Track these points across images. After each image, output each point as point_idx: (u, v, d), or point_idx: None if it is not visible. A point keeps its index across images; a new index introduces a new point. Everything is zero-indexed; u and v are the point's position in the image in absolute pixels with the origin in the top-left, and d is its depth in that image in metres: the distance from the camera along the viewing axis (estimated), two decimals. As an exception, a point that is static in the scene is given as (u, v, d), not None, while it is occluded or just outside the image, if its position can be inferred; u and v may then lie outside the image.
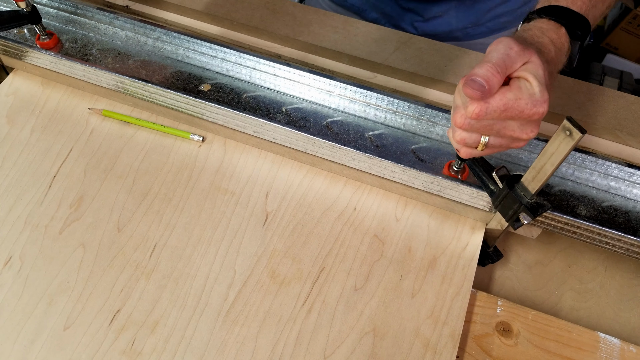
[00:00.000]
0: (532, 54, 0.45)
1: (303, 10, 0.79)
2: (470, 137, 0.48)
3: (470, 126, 0.47)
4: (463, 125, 0.47)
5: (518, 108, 0.45)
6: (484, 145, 0.48)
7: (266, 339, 0.57)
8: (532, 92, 0.45)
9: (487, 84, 0.43)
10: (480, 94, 0.43)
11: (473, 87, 0.43)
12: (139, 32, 0.74)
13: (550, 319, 0.59)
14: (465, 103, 0.46)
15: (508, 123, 0.46)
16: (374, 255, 0.62)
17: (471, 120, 0.46)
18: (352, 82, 0.67)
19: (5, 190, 0.66)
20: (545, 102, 0.45)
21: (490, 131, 0.47)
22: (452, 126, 0.50)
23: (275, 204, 0.65)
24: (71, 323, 0.57)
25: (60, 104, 0.73)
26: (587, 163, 0.63)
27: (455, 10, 0.90)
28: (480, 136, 0.48)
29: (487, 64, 0.44)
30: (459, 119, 0.47)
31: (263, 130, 0.66)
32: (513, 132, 0.47)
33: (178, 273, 0.60)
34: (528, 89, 0.45)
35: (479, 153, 0.50)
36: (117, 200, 0.65)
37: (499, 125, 0.47)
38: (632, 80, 1.56)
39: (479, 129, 0.47)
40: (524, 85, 0.45)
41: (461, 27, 0.91)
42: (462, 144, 0.49)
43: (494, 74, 0.44)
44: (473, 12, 0.90)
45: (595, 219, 0.60)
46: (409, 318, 0.58)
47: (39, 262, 0.61)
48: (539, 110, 0.45)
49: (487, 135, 0.48)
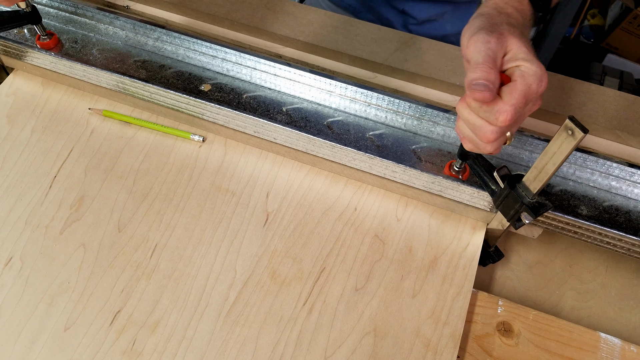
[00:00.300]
0: (508, 37, 0.46)
1: (303, 10, 0.79)
2: (500, 142, 0.49)
3: (501, 133, 0.48)
4: (496, 137, 0.47)
5: (532, 92, 0.46)
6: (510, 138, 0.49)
7: (267, 339, 0.57)
8: (532, 72, 0.45)
9: (489, 81, 0.44)
10: (489, 93, 0.44)
11: (480, 89, 0.44)
12: (139, 32, 0.74)
13: (551, 318, 0.59)
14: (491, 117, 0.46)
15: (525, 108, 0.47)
16: (374, 256, 0.62)
17: (503, 129, 0.47)
18: (352, 82, 0.67)
19: (5, 190, 0.66)
20: (544, 72, 0.46)
21: (515, 125, 0.48)
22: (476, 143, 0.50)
23: (275, 204, 0.65)
24: (72, 323, 0.57)
25: (61, 104, 0.73)
26: (588, 163, 0.63)
27: (450, 15, 0.90)
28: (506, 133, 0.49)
29: (478, 66, 0.45)
30: (491, 135, 0.47)
31: (263, 131, 0.66)
32: (529, 111, 0.48)
33: (179, 273, 0.60)
34: (528, 72, 0.45)
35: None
36: (117, 200, 0.65)
37: (521, 117, 0.48)
38: (632, 80, 1.56)
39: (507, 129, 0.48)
40: (522, 71, 0.46)
41: (456, 32, 0.91)
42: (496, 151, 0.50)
43: (488, 71, 0.44)
44: (468, 17, 0.90)
45: (596, 219, 0.59)
46: (410, 318, 0.58)
47: (40, 262, 0.61)
48: (545, 82, 0.46)
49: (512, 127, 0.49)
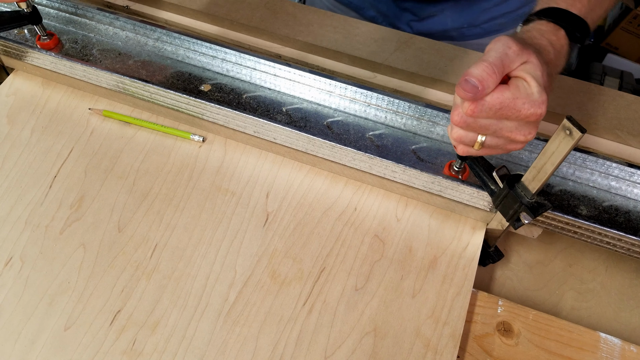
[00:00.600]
0: (531, 54, 0.45)
1: (303, 10, 0.79)
2: (466, 135, 0.48)
3: (466, 124, 0.47)
4: (460, 122, 0.47)
5: (515, 107, 0.44)
6: (480, 145, 0.48)
7: (267, 339, 0.57)
8: (530, 92, 0.44)
9: (481, 84, 0.43)
10: (472, 95, 0.43)
11: (465, 88, 0.43)
12: (139, 32, 0.74)
13: (551, 318, 0.59)
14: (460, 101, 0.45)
15: (505, 123, 0.46)
16: (374, 255, 0.62)
17: (467, 118, 0.46)
18: (352, 82, 0.67)
19: (5, 190, 0.66)
20: (543, 103, 0.44)
21: (486, 130, 0.47)
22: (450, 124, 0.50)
23: (275, 204, 0.65)
24: (72, 323, 0.57)
25: (61, 105, 0.73)
26: (588, 163, 0.63)
27: (451, 10, 0.90)
28: (477, 135, 0.48)
29: (483, 64, 0.43)
30: (456, 116, 0.47)
31: (263, 131, 0.66)
32: (510, 133, 0.47)
33: (179, 273, 0.60)
34: (526, 89, 0.44)
35: (476, 152, 0.50)
36: (117, 200, 0.65)
37: (495, 126, 0.46)
38: (632, 80, 1.56)
39: (476, 128, 0.47)
40: (522, 85, 0.45)
41: (457, 27, 0.91)
42: (458, 141, 0.49)
43: (489, 74, 0.43)
44: (469, 12, 0.90)
45: (596, 219, 0.59)
46: (410, 318, 0.58)
47: (40, 262, 0.61)
48: (537, 112, 0.44)
49: (484, 134, 0.48)
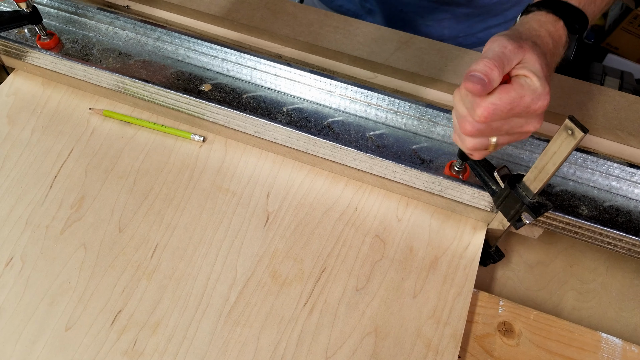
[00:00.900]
0: (527, 51, 0.46)
1: (303, 10, 0.79)
2: (480, 142, 0.49)
3: (479, 132, 0.47)
4: (473, 132, 0.47)
5: (523, 105, 0.45)
6: (494, 146, 0.49)
7: (268, 340, 0.57)
8: (533, 87, 0.45)
9: (487, 77, 0.43)
10: (481, 87, 0.43)
11: (473, 81, 0.44)
12: (140, 32, 0.74)
13: (552, 319, 0.59)
14: (472, 109, 0.46)
15: (515, 121, 0.47)
16: (375, 256, 0.62)
17: (480, 126, 0.46)
18: (352, 82, 0.67)
19: (6, 190, 0.66)
20: (547, 94, 0.45)
21: (499, 132, 0.47)
22: (459, 134, 0.50)
23: (276, 204, 0.65)
24: (73, 324, 0.57)
25: (61, 104, 0.73)
26: (589, 163, 0.63)
27: (448, 21, 0.90)
28: (490, 138, 0.48)
29: (484, 60, 0.44)
30: (468, 126, 0.47)
31: (264, 131, 0.66)
32: (521, 127, 0.48)
33: (179, 273, 0.60)
34: (529, 85, 0.45)
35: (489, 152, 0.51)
36: (118, 200, 0.65)
37: (507, 125, 0.47)
38: (632, 80, 1.56)
39: (488, 132, 0.47)
40: (525, 81, 0.45)
41: (453, 35, 0.92)
42: (473, 149, 0.50)
43: (492, 68, 0.44)
44: (465, 22, 0.90)
45: (596, 219, 0.59)
46: (411, 318, 0.58)
47: (40, 262, 0.61)
48: (543, 104, 0.45)
49: (497, 136, 0.48)
